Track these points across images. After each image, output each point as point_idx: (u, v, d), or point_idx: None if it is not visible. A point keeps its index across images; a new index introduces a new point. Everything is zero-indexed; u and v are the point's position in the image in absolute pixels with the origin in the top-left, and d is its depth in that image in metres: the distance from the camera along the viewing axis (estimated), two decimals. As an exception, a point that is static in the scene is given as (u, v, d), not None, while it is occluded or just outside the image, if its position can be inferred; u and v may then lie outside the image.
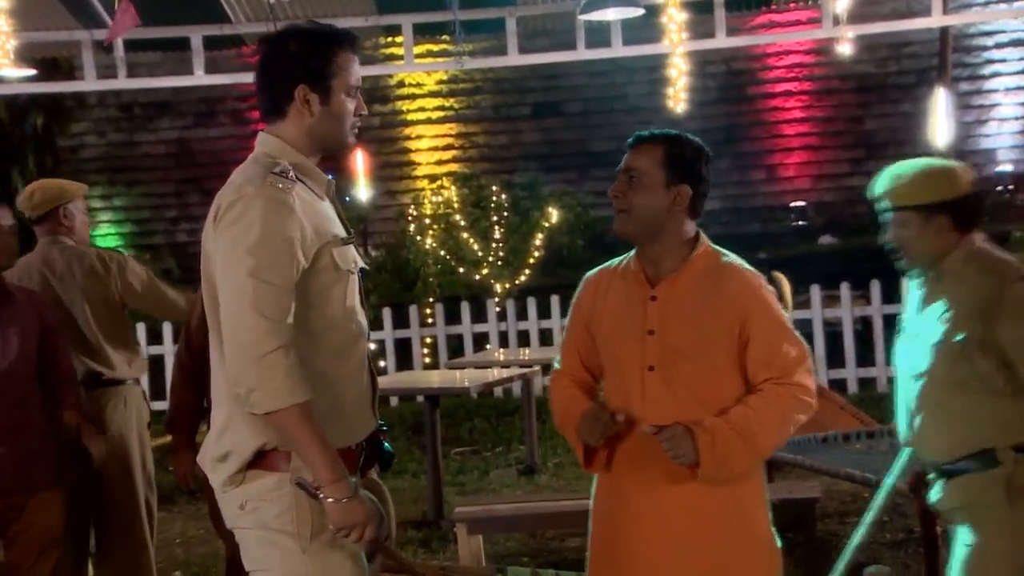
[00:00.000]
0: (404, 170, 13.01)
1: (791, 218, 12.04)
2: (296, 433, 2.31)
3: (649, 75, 11.26)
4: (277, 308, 2.30)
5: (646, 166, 2.73)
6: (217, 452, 2.46)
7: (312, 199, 2.46)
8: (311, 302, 2.41)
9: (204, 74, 7.29)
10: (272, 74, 2.49)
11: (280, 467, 2.40)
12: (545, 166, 12.46)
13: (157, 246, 12.77)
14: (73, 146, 12.97)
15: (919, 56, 12.24)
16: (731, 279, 2.73)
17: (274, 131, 2.51)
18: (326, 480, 2.32)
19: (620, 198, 2.75)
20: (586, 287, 2.89)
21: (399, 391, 8.22)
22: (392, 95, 12.89)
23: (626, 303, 2.76)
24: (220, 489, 2.47)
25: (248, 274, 2.29)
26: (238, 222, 2.34)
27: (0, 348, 3.60)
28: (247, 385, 2.29)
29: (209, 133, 12.97)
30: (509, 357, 7.79)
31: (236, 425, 2.40)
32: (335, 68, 2.47)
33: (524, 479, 7.19)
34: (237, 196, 2.36)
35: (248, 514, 2.43)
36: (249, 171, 2.43)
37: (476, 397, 9.39)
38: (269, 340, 2.27)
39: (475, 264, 11.05)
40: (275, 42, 2.52)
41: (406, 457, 7.88)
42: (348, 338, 2.49)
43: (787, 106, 12.56)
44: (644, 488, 2.71)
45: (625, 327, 2.75)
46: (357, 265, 2.52)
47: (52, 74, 9.11)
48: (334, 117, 2.48)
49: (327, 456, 2.32)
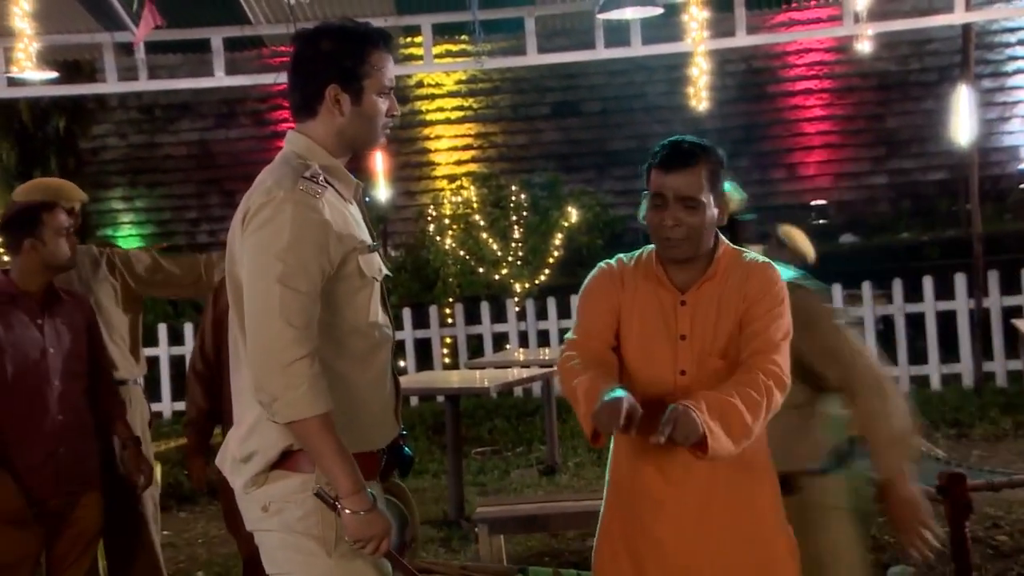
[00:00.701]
0: (423, 170, 13.03)
1: (811, 217, 11.98)
2: (316, 443, 2.29)
3: (668, 74, 11.27)
4: (303, 316, 2.29)
5: (696, 190, 2.67)
6: (241, 452, 2.44)
7: (340, 204, 2.43)
8: (336, 308, 2.39)
9: (224, 75, 7.33)
10: (304, 72, 2.45)
11: (304, 468, 2.38)
12: (564, 166, 12.46)
13: (178, 247, 12.85)
14: (95, 148, 13.06)
15: (941, 53, 12.18)
16: (751, 276, 2.73)
17: (304, 130, 2.48)
18: (345, 492, 2.31)
19: (680, 227, 2.68)
20: (609, 277, 2.81)
21: (419, 391, 8.24)
22: (411, 95, 12.91)
23: (657, 308, 2.75)
24: (242, 491, 2.45)
25: (276, 280, 2.27)
26: (267, 226, 2.32)
27: (57, 348, 3.68)
28: (270, 393, 2.28)
29: (229, 134, 13.03)
30: (529, 357, 7.78)
31: (264, 426, 2.39)
32: (368, 68, 2.43)
33: (545, 479, 7.19)
34: (267, 199, 2.33)
35: (271, 516, 2.41)
36: (278, 172, 2.40)
37: (496, 397, 9.40)
38: (294, 349, 2.26)
39: (495, 264, 11.06)
40: (308, 39, 2.46)
41: (427, 457, 7.90)
42: (371, 344, 2.47)
43: (807, 104, 12.51)
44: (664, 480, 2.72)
45: (657, 332, 2.74)
46: (382, 273, 2.50)
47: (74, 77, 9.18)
48: (365, 118, 2.45)
49: (346, 467, 2.31)
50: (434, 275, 11.16)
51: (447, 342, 10.23)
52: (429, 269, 11.26)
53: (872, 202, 12.27)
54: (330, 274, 2.36)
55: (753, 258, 2.80)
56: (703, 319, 2.71)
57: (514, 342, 9.90)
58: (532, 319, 9.94)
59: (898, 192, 12.22)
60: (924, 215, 11.82)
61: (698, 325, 2.71)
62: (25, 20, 5.70)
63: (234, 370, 2.48)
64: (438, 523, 6.06)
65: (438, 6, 7.16)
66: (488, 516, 4.66)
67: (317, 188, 2.36)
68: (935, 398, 8.72)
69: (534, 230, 11.19)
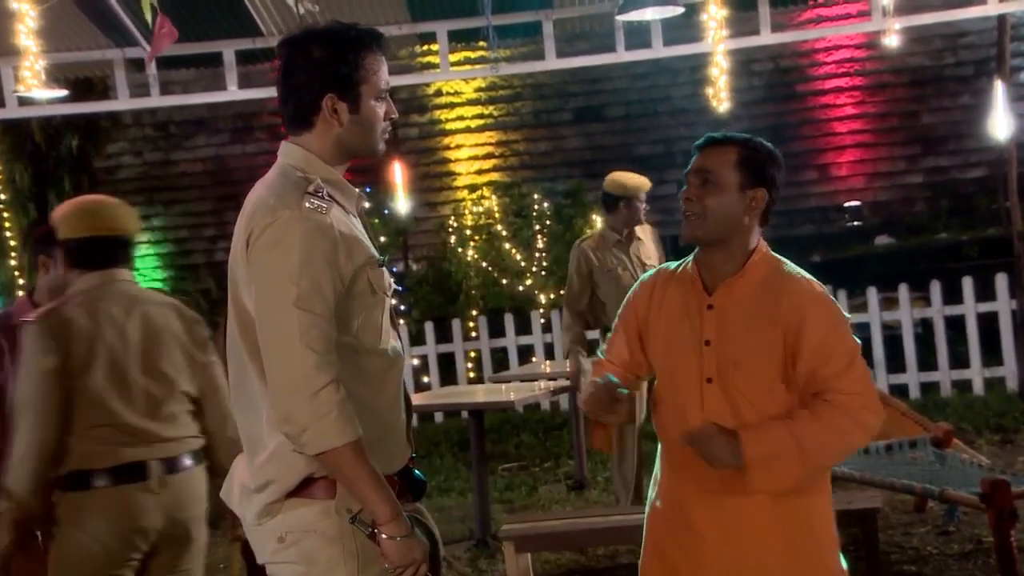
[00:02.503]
0: (443, 180, 13.05)
1: (845, 219, 11.90)
2: (350, 471, 2.24)
3: (692, 76, 11.24)
4: (323, 340, 2.23)
5: (720, 167, 2.67)
6: (255, 482, 2.36)
7: (346, 218, 2.38)
8: (348, 328, 2.33)
9: (238, 89, 7.38)
10: (296, 82, 2.38)
11: (323, 495, 2.31)
12: (588, 172, 12.43)
13: (195, 265, 12.93)
14: (109, 167, 13.17)
15: (976, 46, 12.08)
16: (791, 289, 2.68)
17: (299, 141, 2.42)
18: (384, 518, 2.25)
19: (694, 201, 2.69)
20: (642, 289, 2.86)
21: (443, 407, 8.24)
22: (430, 104, 12.94)
23: (683, 312, 2.73)
24: (254, 522, 2.38)
25: (293, 304, 2.21)
26: (275, 248, 2.26)
27: None
28: (299, 424, 2.21)
29: (246, 149, 13.12)
30: (555, 370, 7.76)
31: (283, 453, 2.31)
32: (364, 73, 2.37)
33: (574, 495, 7.16)
34: (272, 219, 2.27)
35: (289, 547, 2.33)
36: (279, 188, 2.34)
37: (522, 411, 9.39)
38: (319, 375, 2.20)
39: (518, 275, 11.06)
40: (297, 47, 2.39)
41: (452, 475, 7.89)
42: (384, 364, 2.41)
43: (838, 103, 12.43)
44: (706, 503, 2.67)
45: (682, 337, 2.72)
46: (391, 288, 2.46)
47: (85, 94, 9.26)
48: (364, 125, 2.40)
49: (384, 493, 2.26)
50: (456, 288, 11.17)
51: (471, 356, 10.23)
52: (451, 282, 11.27)
53: (908, 202, 12.17)
54: (342, 292, 2.30)
55: (794, 272, 2.73)
56: (731, 325, 2.67)
57: (540, 354, 9.89)
58: (557, 331, 9.91)
59: (935, 191, 12.12)
60: (962, 214, 11.71)
61: (724, 331, 2.68)
62: (31, 38, 5.75)
63: (236, 398, 2.42)
64: (464, 542, 6.05)
65: (453, 12, 7.18)
66: (514, 533, 4.65)
67: (323, 204, 2.30)
68: (978, 403, 8.64)
69: (558, 239, 11.18)
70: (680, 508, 2.72)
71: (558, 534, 4.75)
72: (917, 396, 9.00)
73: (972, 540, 5.32)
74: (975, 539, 5.32)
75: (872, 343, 9.12)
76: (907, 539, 5.47)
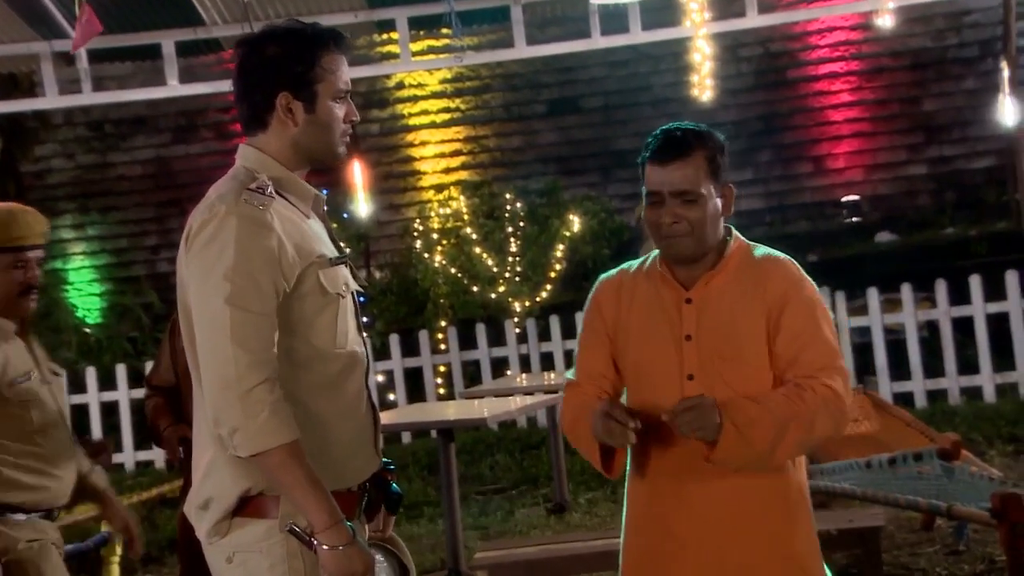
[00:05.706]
0: (408, 180, 13.07)
1: (843, 214, 12.00)
2: (284, 475, 2.32)
3: (675, 63, 11.28)
4: (258, 338, 2.32)
5: (696, 184, 2.72)
6: (199, 499, 2.46)
7: (295, 216, 2.47)
8: (295, 330, 2.41)
9: (179, 84, 7.38)
10: (250, 82, 2.50)
11: (269, 513, 2.40)
12: (564, 169, 12.49)
13: (136, 278, 12.87)
14: (39, 171, 13.11)
15: (981, 26, 12.20)
16: (770, 272, 2.77)
17: (255, 143, 2.52)
18: (320, 526, 2.32)
19: (680, 223, 2.72)
20: (606, 290, 2.89)
21: (410, 426, 8.24)
22: (391, 98, 12.96)
23: (658, 307, 2.78)
24: (206, 541, 2.48)
25: (225, 302, 2.31)
26: (210, 244, 2.36)
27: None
28: (229, 424, 2.30)
29: (190, 150, 13.09)
30: (532, 383, 7.79)
31: (218, 468, 2.41)
32: (320, 72, 2.48)
33: (554, 518, 7.19)
34: (209, 215, 2.38)
35: (236, 568, 2.42)
36: (224, 187, 2.45)
37: (496, 429, 9.40)
38: (251, 374, 2.29)
39: (490, 282, 11.08)
40: (252, 45, 2.52)
41: (421, 499, 7.90)
42: (339, 369, 2.49)
43: (833, 89, 12.54)
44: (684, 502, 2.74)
45: (658, 333, 2.77)
46: (349, 287, 2.52)
47: (10, 91, 9.23)
48: (321, 126, 2.50)
49: (320, 499, 2.33)
50: (423, 296, 11.18)
51: (440, 370, 10.24)
52: (418, 290, 11.28)
53: (911, 195, 12.27)
54: (287, 292, 2.39)
55: (766, 253, 2.82)
56: (712, 318, 2.73)
57: (515, 367, 9.91)
58: (534, 341, 9.95)
59: (939, 183, 12.23)
60: (970, 207, 11.82)
61: (706, 324, 2.73)
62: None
63: (197, 407, 2.50)
64: (436, 572, 6.06)
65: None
66: (489, 562, 4.67)
67: (263, 199, 2.39)
68: (989, 411, 8.71)
69: (533, 242, 11.22)
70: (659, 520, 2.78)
71: (537, 561, 4.78)
72: (923, 405, 9.07)
73: (984, 559, 5.37)
74: (987, 558, 5.37)
75: (874, 348, 9.19)
76: (913, 560, 5.52)
